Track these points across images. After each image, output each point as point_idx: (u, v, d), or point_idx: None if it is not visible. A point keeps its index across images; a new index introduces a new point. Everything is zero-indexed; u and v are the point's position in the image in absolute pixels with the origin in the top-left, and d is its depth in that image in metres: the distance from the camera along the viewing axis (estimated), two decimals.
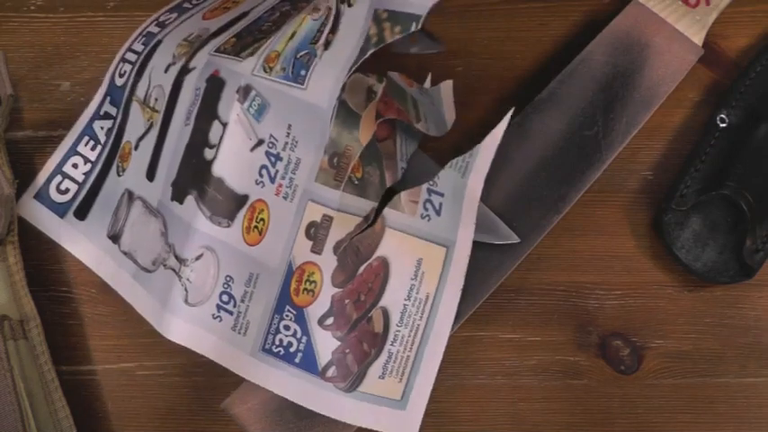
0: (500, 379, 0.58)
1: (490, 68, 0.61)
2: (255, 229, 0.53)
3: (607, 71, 0.58)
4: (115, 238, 0.58)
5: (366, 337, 0.54)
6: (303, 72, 0.51)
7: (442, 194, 0.54)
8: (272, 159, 0.53)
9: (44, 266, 0.60)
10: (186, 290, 0.54)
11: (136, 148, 0.58)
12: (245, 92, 0.52)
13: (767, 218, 0.57)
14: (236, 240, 0.53)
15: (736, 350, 0.58)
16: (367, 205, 0.54)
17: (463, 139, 0.59)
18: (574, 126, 0.58)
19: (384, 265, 0.54)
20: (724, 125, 0.58)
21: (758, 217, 0.56)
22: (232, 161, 0.53)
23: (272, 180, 0.53)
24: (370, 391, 0.54)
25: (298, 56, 0.52)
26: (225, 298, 0.54)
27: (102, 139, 0.60)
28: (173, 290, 0.54)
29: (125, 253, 0.57)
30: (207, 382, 0.58)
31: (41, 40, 0.62)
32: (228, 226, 0.53)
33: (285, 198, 0.53)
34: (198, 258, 0.54)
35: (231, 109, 0.52)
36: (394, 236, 0.54)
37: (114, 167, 0.59)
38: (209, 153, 0.53)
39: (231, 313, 0.54)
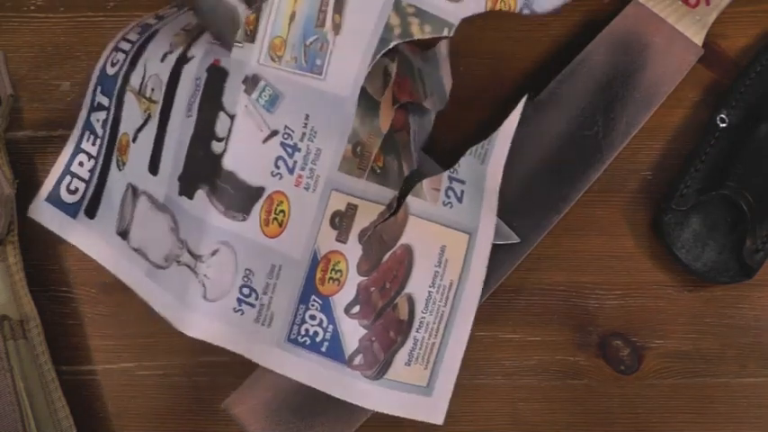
0: (500, 379, 0.58)
1: (490, 68, 0.61)
2: (275, 221, 0.52)
3: (607, 71, 0.58)
4: (124, 234, 0.57)
5: (392, 324, 0.54)
6: (319, 62, 0.51)
7: (463, 182, 0.54)
8: (289, 150, 0.52)
9: (44, 266, 0.60)
10: (204, 285, 0.53)
11: (134, 140, 0.57)
12: (252, 82, 0.51)
13: (767, 218, 0.57)
14: (253, 233, 0.52)
15: (736, 350, 0.58)
16: (389, 194, 0.54)
17: (463, 140, 0.59)
18: (574, 126, 0.58)
19: (408, 252, 0.54)
20: (724, 125, 0.58)
21: (758, 217, 0.56)
22: (244, 154, 0.52)
23: (291, 171, 0.52)
24: (397, 378, 0.54)
25: (307, 43, 0.51)
26: (246, 291, 0.53)
27: (100, 131, 0.59)
28: (189, 286, 0.53)
29: (136, 249, 0.57)
30: (207, 382, 0.58)
31: (41, 40, 0.62)
32: (244, 219, 0.52)
33: (307, 189, 0.52)
34: (214, 254, 0.53)
35: (238, 100, 0.51)
36: (417, 223, 0.54)
37: (114, 161, 0.58)
38: (217, 146, 0.52)
39: (253, 306, 0.53)
